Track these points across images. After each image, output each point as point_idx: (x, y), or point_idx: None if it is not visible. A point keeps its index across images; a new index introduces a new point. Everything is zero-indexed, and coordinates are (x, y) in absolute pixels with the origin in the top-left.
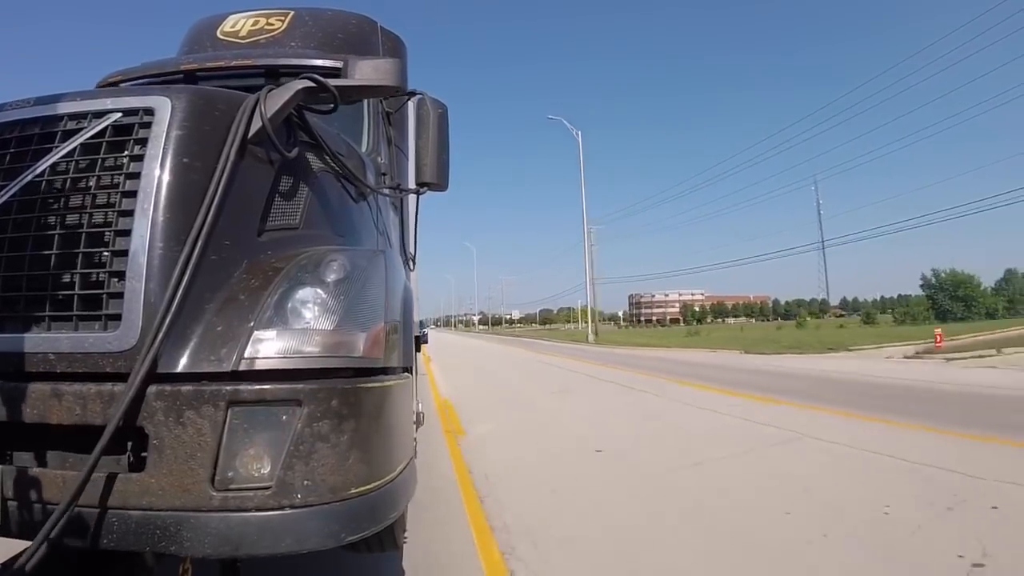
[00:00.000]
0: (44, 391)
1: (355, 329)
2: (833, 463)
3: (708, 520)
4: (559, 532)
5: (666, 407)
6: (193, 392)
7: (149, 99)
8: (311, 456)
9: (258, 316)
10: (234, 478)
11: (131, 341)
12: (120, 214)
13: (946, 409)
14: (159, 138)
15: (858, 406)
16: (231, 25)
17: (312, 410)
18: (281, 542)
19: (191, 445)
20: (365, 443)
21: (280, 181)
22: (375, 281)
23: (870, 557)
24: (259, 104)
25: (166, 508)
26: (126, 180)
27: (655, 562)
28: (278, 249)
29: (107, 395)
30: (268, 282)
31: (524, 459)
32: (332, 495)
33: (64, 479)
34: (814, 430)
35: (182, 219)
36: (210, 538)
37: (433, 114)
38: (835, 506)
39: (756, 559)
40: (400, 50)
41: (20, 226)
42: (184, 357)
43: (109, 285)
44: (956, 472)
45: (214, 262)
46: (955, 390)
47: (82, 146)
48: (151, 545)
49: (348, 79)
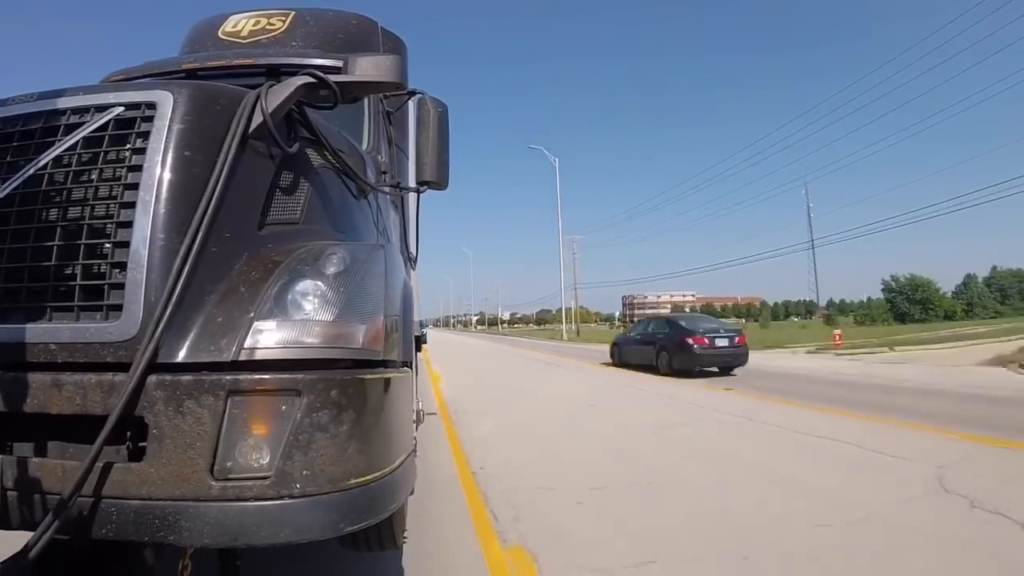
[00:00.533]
0: (44, 381)
1: (355, 321)
2: (668, 404)
3: (560, 420)
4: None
5: (559, 374)
6: (193, 382)
7: (151, 93)
8: (310, 446)
9: (258, 307)
10: (233, 468)
11: (132, 331)
12: (122, 206)
13: (789, 384)
14: (161, 132)
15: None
16: (232, 25)
17: (311, 400)
18: (280, 532)
19: (190, 435)
20: (364, 434)
21: (281, 176)
22: (375, 274)
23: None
24: (260, 99)
25: (165, 498)
26: (128, 173)
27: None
28: (278, 243)
29: (107, 385)
30: (268, 274)
31: (471, 387)
32: (331, 485)
33: (64, 469)
34: (665, 388)
35: (183, 211)
36: (209, 528)
37: (433, 113)
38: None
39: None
40: (401, 50)
41: (23, 218)
42: (184, 347)
43: (110, 276)
44: (761, 422)
45: (215, 254)
46: (809, 374)
47: (84, 140)
48: (150, 535)
49: (349, 75)
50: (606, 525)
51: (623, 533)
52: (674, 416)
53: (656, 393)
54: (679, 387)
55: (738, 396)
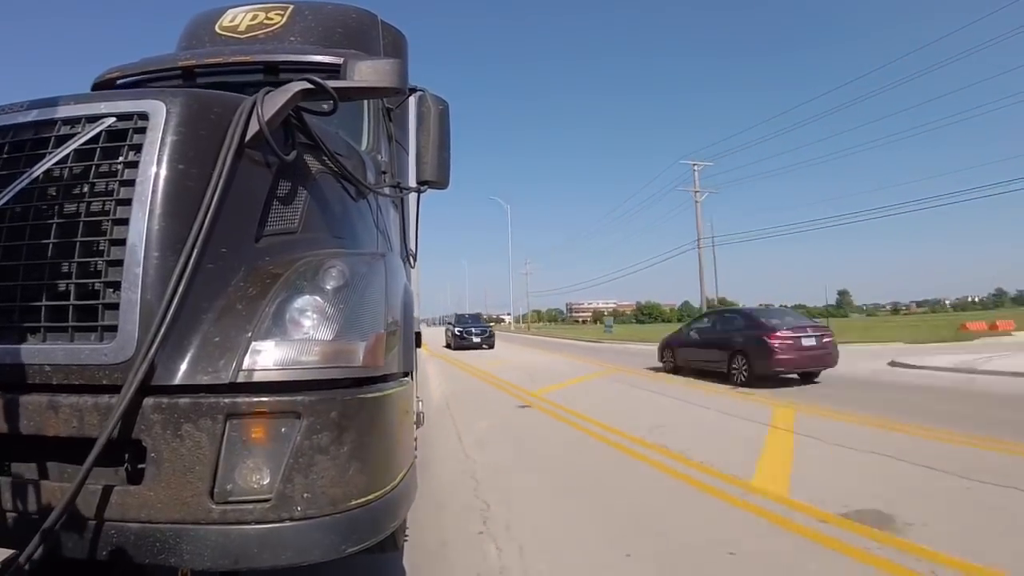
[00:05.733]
0: (41, 403)
1: (355, 338)
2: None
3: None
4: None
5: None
6: (190, 404)
7: (143, 103)
8: (311, 468)
9: (256, 326)
10: (233, 491)
11: (127, 352)
12: (115, 222)
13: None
14: (154, 143)
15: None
16: (230, 20)
17: (311, 422)
18: (281, 555)
19: (189, 458)
20: (365, 454)
21: (278, 185)
22: (375, 287)
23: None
24: (256, 107)
25: (165, 521)
26: (121, 187)
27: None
28: (276, 254)
29: (104, 407)
30: (266, 290)
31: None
32: (332, 507)
33: (61, 491)
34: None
35: (178, 226)
36: (209, 551)
37: (434, 111)
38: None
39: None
40: (401, 44)
41: (14, 234)
42: (181, 369)
43: (104, 295)
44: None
45: (211, 270)
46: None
47: (76, 152)
48: (150, 558)
49: (347, 80)
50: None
51: None
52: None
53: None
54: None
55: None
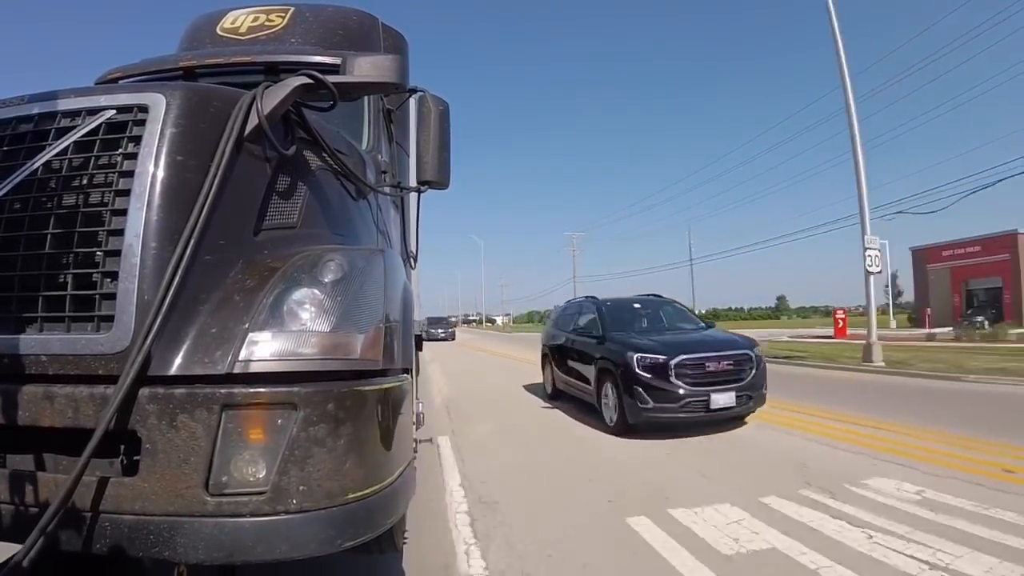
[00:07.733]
0: (36, 393)
1: (352, 331)
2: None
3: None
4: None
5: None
6: (186, 395)
7: (143, 96)
8: (307, 461)
9: (253, 317)
10: (228, 483)
11: (123, 343)
12: (113, 213)
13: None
14: (153, 136)
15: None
16: (231, 21)
17: (308, 414)
18: (276, 548)
19: (184, 449)
20: (362, 447)
21: (277, 179)
22: (373, 281)
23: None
24: (256, 101)
25: (160, 513)
26: (120, 178)
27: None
28: (275, 248)
29: (99, 398)
30: (264, 282)
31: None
32: (328, 501)
33: (57, 483)
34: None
35: (176, 218)
36: (204, 544)
37: (434, 111)
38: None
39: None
40: (401, 46)
41: (12, 225)
42: (177, 359)
43: (102, 286)
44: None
45: (209, 262)
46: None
47: (76, 144)
48: (144, 550)
49: (347, 76)
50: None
51: None
52: None
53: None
54: None
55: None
